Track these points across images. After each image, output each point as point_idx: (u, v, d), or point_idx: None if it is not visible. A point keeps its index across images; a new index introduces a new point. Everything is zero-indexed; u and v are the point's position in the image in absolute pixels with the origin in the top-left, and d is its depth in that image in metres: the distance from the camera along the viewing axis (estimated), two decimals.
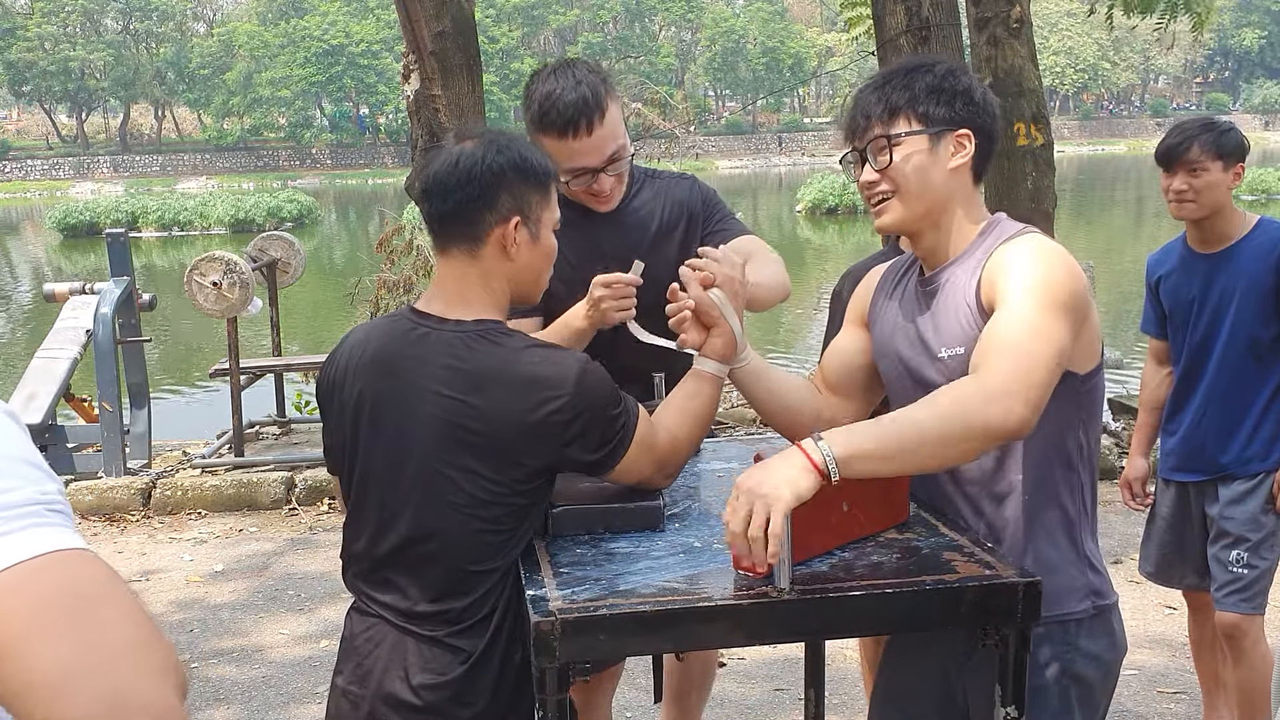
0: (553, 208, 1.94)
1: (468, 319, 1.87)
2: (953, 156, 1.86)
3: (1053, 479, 1.89)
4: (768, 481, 1.63)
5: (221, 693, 4.09)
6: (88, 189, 52.49)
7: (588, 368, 1.85)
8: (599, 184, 2.46)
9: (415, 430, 1.85)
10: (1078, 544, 1.91)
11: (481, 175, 1.84)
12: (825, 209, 30.66)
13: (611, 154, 2.43)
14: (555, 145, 2.37)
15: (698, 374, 2.02)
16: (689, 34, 74.20)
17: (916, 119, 1.86)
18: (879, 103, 1.87)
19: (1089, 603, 1.90)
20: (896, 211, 1.90)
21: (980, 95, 1.89)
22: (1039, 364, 1.68)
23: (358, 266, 17.46)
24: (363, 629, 1.93)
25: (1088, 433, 1.91)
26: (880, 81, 1.91)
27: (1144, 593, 4.58)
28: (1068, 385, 1.82)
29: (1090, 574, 1.92)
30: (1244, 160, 3.10)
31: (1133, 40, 65.05)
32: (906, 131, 1.86)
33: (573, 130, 2.36)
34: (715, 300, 1.97)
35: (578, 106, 2.35)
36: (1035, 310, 1.72)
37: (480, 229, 1.87)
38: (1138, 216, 30.53)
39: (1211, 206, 3.07)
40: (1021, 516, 1.88)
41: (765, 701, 3.88)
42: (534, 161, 1.90)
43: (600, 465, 1.89)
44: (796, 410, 2.09)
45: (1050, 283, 1.74)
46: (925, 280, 1.96)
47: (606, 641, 1.64)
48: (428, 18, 5.78)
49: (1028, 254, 1.79)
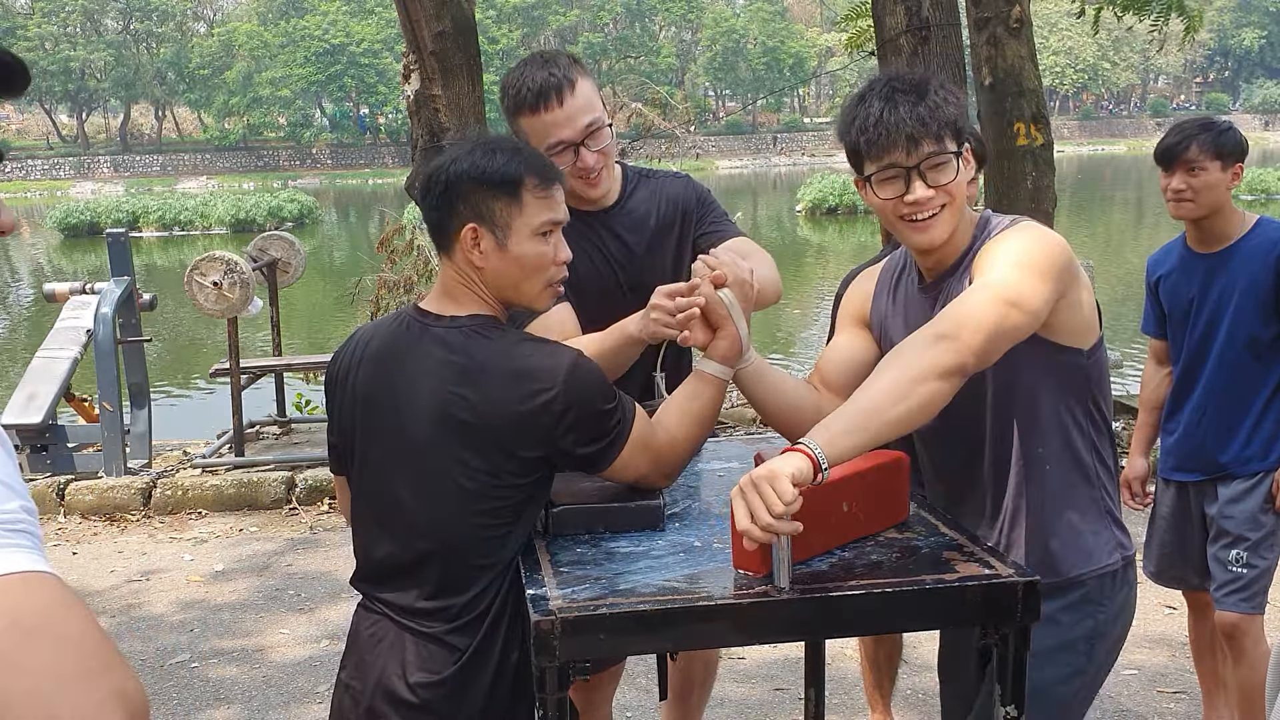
0: (530, 213, 1.90)
1: (462, 315, 1.91)
2: (967, 169, 1.97)
3: (1073, 445, 2.00)
4: (765, 468, 1.65)
5: (222, 693, 4.09)
6: (88, 189, 52.48)
7: (579, 362, 1.87)
8: (582, 160, 2.44)
9: (413, 424, 1.88)
10: (1100, 502, 2.04)
11: (439, 183, 1.90)
12: (825, 209, 30.66)
13: (588, 124, 2.42)
14: (530, 123, 2.40)
15: (700, 375, 2.02)
16: (689, 34, 74.19)
17: (952, 137, 1.93)
18: (928, 120, 1.89)
19: (1118, 555, 2.04)
20: (948, 224, 1.95)
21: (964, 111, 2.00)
22: (987, 308, 1.78)
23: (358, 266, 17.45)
24: (367, 625, 1.96)
25: (1098, 400, 2.03)
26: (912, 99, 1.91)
27: (1144, 593, 4.55)
28: (1074, 361, 1.97)
29: (1115, 529, 2.05)
30: (1243, 160, 3.10)
31: (1133, 40, 65.01)
32: (954, 150, 1.93)
33: (544, 102, 2.38)
34: (725, 300, 1.98)
35: (545, 80, 2.39)
36: (1003, 269, 1.83)
37: (445, 235, 1.93)
38: (1138, 216, 30.53)
39: (1210, 206, 3.07)
40: (1049, 483, 1.99)
41: (765, 701, 3.88)
42: (495, 168, 1.88)
43: (595, 460, 1.90)
44: (797, 409, 2.10)
45: (1029, 250, 1.86)
46: (929, 286, 2.04)
47: (606, 641, 1.65)
48: (428, 18, 5.78)
49: (1010, 235, 1.92)
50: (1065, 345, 1.94)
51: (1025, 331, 1.83)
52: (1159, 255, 3.32)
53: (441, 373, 1.86)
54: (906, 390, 1.73)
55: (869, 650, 3.45)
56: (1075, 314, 1.93)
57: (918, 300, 2.06)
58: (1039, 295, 1.82)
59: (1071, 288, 1.90)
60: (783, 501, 1.59)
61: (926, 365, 1.74)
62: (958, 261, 1.99)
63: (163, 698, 4.06)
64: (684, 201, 2.62)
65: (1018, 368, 1.92)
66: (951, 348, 1.75)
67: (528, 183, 1.89)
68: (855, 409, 1.73)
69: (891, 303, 2.12)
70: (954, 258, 2.00)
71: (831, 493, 1.75)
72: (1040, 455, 1.99)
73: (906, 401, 1.72)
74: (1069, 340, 1.94)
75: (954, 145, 1.93)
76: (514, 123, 2.45)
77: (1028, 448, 1.98)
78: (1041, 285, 1.82)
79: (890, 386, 1.74)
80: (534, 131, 2.40)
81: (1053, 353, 1.94)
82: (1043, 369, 1.94)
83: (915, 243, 1.97)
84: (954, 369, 1.76)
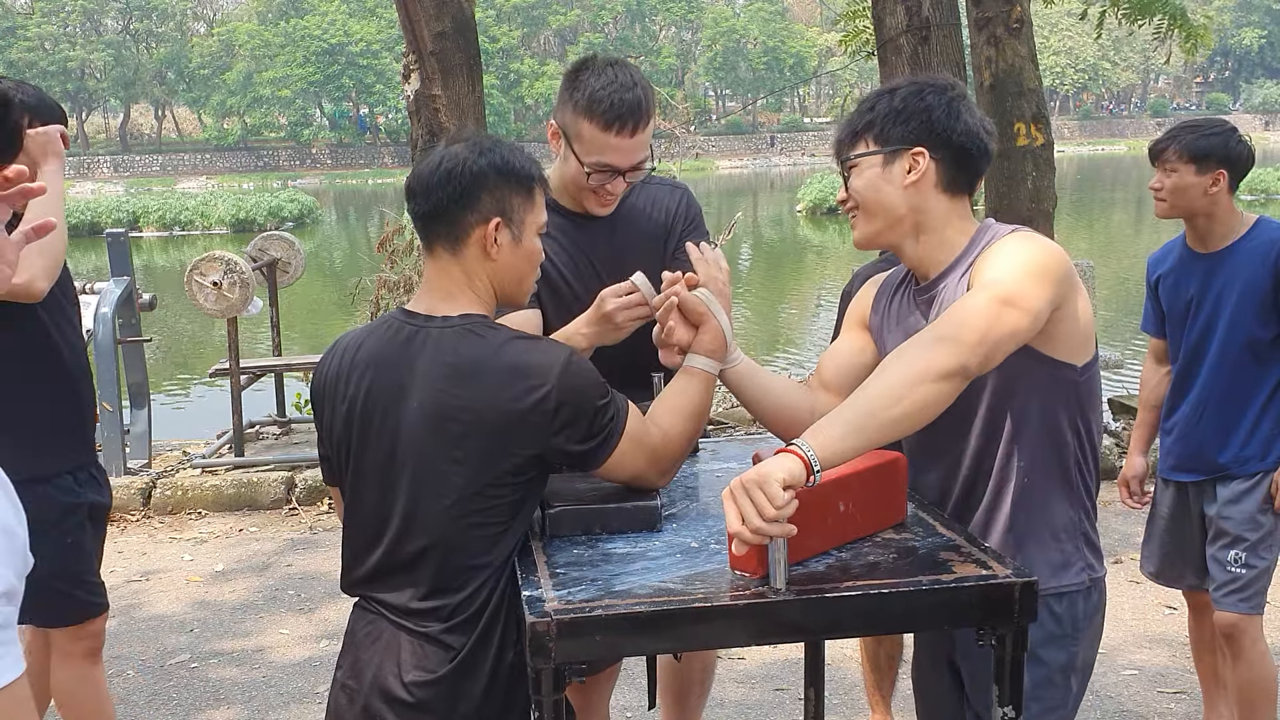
0: (538, 211, 1.95)
1: (454, 314, 1.90)
2: (907, 174, 1.95)
3: (1056, 462, 1.97)
4: (755, 470, 1.65)
5: (221, 693, 4.09)
6: (88, 189, 52.47)
7: (573, 358, 1.87)
8: (614, 186, 2.44)
9: (406, 426, 1.88)
10: (1077, 523, 2.00)
11: (462, 176, 1.88)
12: (825, 209, 30.67)
13: (639, 161, 2.43)
14: (598, 136, 2.36)
15: (688, 370, 2.04)
16: (689, 34, 74.20)
17: (874, 140, 1.98)
18: (847, 126, 2.03)
19: (1086, 576, 2.01)
20: (861, 226, 2.04)
21: (942, 114, 1.95)
22: (982, 310, 1.77)
23: (358, 266, 17.47)
24: (363, 624, 1.96)
25: (1086, 419, 1.99)
26: (859, 105, 2.05)
27: (1144, 593, 4.58)
28: (1065, 376, 1.94)
29: (1087, 550, 2.02)
30: (1232, 167, 3.04)
31: (1133, 40, 64.96)
32: (862, 153, 1.99)
33: (620, 126, 2.35)
34: (702, 298, 2.04)
35: (633, 105, 2.34)
36: (999, 279, 1.82)
37: (460, 229, 1.90)
38: (1138, 216, 30.52)
39: (1184, 209, 3.08)
40: (1026, 498, 1.96)
41: (765, 701, 3.88)
42: (517, 164, 1.92)
43: (590, 457, 1.90)
44: (788, 408, 2.11)
45: (1024, 259, 1.85)
46: (921, 290, 2.03)
47: (602, 642, 1.64)
48: (428, 18, 5.78)
49: (1008, 244, 1.90)
50: (1059, 360, 1.92)
51: (1026, 334, 1.81)
52: (1159, 255, 3.32)
53: (434, 374, 1.85)
54: (904, 391, 1.71)
55: (869, 651, 3.45)
56: (1072, 326, 1.90)
57: (911, 305, 2.06)
58: (1039, 297, 1.81)
59: (1070, 298, 1.88)
60: (773, 505, 1.59)
61: (925, 366, 1.73)
62: (951, 266, 1.98)
63: (163, 698, 4.06)
64: (673, 218, 2.62)
65: (1008, 380, 1.91)
66: (951, 349, 1.74)
67: (538, 182, 1.96)
68: (852, 410, 1.72)
69: (889, 307, 2.13)
70: (947, 262, 1.99)
71: (828, 493, 1.75)
72: (1021, 469, 1.95)
73: (903, 403, 1.71)
74: (1063, 355, 1.92)
75: (872, 147, 1.98)
76: (574, 118, 2.38)
77: (1008, 461, 1.96)
78: (1041, 289, 1.81)
79: (887, 388, 1.72)
80: (595, 143, 2.36)
81: (1046, 367, 1.91)
82: (1033, 383, 1.92)
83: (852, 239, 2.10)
84: (954, 370, 1.74)
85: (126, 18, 66.81)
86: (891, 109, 1.97)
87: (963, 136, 1.95)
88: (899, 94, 1.98)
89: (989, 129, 2.00)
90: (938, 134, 1.95)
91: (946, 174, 1.97)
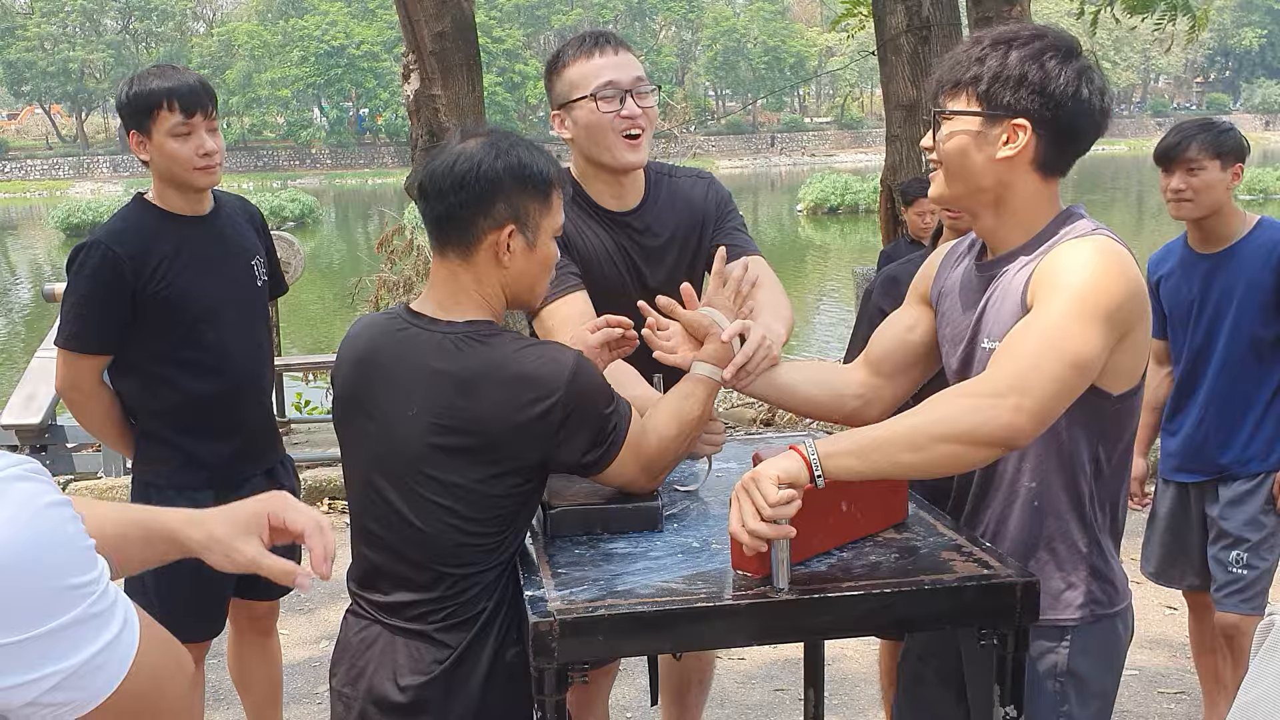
0: (554, 215, 1.89)
1: (459, 320, 1.85)
2: (1004, 145, 1.76)
3: (1063, 487, 1.83)
4: (754, 470, 1.64)
5: (221, 693, 4.09)
6: (87, 189, 52.44)
7: (581, 366, 1.84)
8: (628, 108, 2.39)
9: (401, 432, 1.84)
10: (1085, 556, 1.86)
11: (477, 181, 1.80)
12: (826, 209, 30.66)
13: (638, 77, 2.42)
14: (582, 65, 2.38)
15: (693, 377, 2.02)
16: (690, 33, 74.18)
17: (977, 99, 1.77)
18: (950, 71, 1.81)
19: (1087, 610, 1.86)
20: (939, 185, 1.86)
21: (1062, 86, 1.74)
22: (1045, 371, 1.63)
23: (358, 266, 17.45)
24: (356, 630, 1.94)
25: (1110, 448, 1.84)
26: (970, 44, 1.82)
27: (1144, 593, 4.57)
28: (1095, 404, 1.76)
29: (1095, 583, 1.86)
30: (1243, 160, 3.09)
31: (1133, 40, 64.98)
32: (959, 110, 1.79)
33: (601, 48, 2.40)
34: (708, 315, 2.02)
35: (603, 33, 2.46)
36: (1064, 316, 1.66)
37: (473, 234, 1.83)
38: (1138, 216, 30.51)
39: (1210, 206, 3.07)
40: (1031, 522, 1.85)
41: (765, 701, 3.88)
42: (535, 167, 1.84)
43: (591, 467, 1.89)
44: (814, 399, 2.11)
45: (1093, 289, 1.67)
46: (984, 265, 1.89)
47: (605, 642, 1.64)
48: (428, 18, 5.78)
49: (1081, 256, 1.71)
50: (1097, 387, 1.75)
51: (1081, 390, 1.68)
52: (1159, 255, 3.31)
53: (435, 382, 1.81)
54: (925, 443, 1.63)
55: (886, 665, 3.41)
56: (1122, 358, 1.73)
57: (973, 276, 1.91)
58: (1097, 349, 1.66)
59: (1134, 329, 1.72)
60: (769, 503, 1.58)
61: (968, 427, 1.61)
62: (1020, 249, 1.81)
63: None
64: (704, 208, 2.59)
65: None
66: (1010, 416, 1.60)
67: (556, 184, 1.89)
68: (870, 435, 1.66)
69: (951, 273, 2.00)
70: (1018, 242, 1.82)
71: (830, 493, 1.74)
72: (1030, 490, 1.84)
73: (921, 454, 1.63)
74: (1103, 382, 1.75)
75: (973, 106, 1.77)
76: (558, 78, 2.42)
77: (1017, 480, 1.85)
78: (1101, 337, 1.66)
79: (912, 430, 1.64)
80: (584, 75, 2.37)
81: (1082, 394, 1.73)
82: None
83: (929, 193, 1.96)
84: (1001, 439, 1.62)
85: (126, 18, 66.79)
86: (1004, 68, 1.74)
87: (1076, 115, 1.75)
88: (1016, 51, 1.75)
89: (1106, 106, 1.79)
90: (1049, 108, 1.74)
91: (1046, 153, 1.77)
